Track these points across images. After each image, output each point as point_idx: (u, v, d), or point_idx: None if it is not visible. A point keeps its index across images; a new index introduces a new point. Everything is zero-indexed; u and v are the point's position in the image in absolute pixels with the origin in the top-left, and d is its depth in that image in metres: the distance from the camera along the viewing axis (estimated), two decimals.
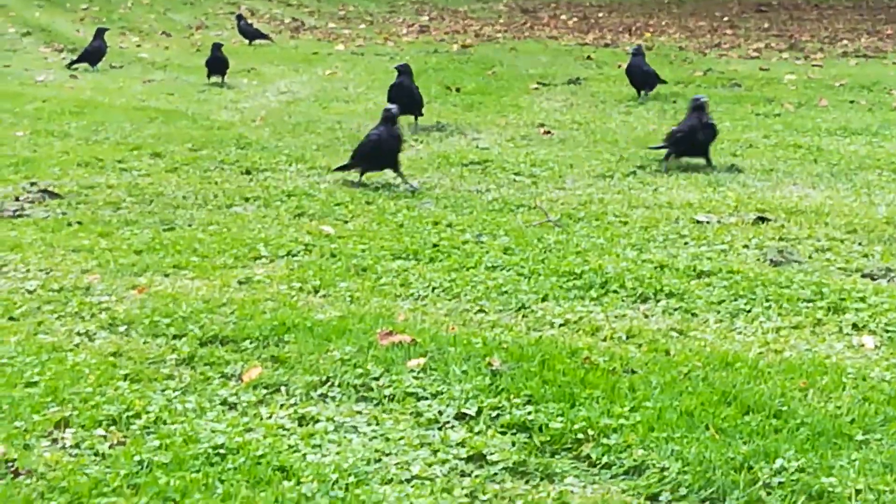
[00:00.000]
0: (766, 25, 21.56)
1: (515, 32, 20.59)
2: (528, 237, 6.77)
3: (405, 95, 10.42)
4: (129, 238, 6.75)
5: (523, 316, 5.51)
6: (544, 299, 5.71)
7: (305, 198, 7.83)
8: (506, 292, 5.78)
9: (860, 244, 6.75)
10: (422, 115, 10.74)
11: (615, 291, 5.80)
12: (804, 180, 8.59)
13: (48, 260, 6.30)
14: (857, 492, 3.76)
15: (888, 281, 6.05)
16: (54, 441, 4.09)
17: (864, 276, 6.14)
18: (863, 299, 5.67)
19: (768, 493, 3.75)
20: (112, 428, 4.17)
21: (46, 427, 4.17)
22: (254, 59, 16.21)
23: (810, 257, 6.48)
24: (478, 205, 7.67)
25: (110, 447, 4.02)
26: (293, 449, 4.05)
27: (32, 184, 8.13)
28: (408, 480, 3.86)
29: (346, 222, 7.22)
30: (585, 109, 12.11)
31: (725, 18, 22.93)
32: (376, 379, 4.63)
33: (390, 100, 10.49)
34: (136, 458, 3.90)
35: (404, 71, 10.65)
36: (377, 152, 8.26)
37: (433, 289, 5.86)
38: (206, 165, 8.92)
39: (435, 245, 6.59)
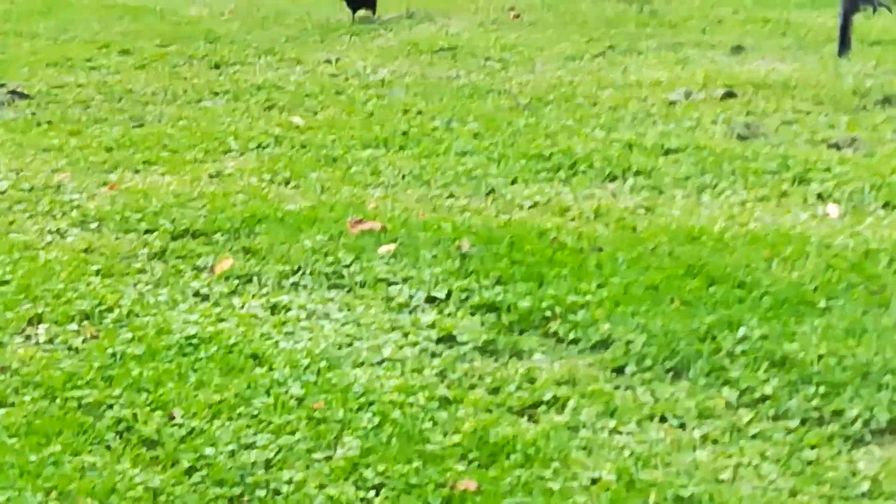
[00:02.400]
0: None
1: None
2: (498, 122, 6.77)
3: None
4: (99, 136, 6.73)
5: (493, 200, 5.53)
6: (513, 182, 5.74)
7: (275, 90, 7.80)
8: (475, 177, 5.81)
9: (826, 115, 6.77)
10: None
11: (584, 172, 5.83)
12: (772, 54, 8.59)
13: (19, 160, 6.29)
14: (820, 357, 3.81)
15: (853, 150, 6.10)
16: (28, 338, 4.12)
17: (829, 146, 6.17)
18: (828, 169, 5.71)
19: (731, 361, 3.82)
20: (85, 323, 4.21)
21: (19, 324, 4.20)
22: None
23: (777, 130, 6.51)
24: (447, 91, 7.66)
25: (83, 341, 4.06)
26: (265, 337, 4.09)
27: (1, 85, 8.07)
28: (379, 363, 3.91)
29: (315, 113, 7.20)
30: None
31: None
32: (347, 266, 4.66)
33: None
34: (109, 350, 3.93)
35: None
36: None
37: (403, 176, 5.88)
38: (174, 61, 8.86)
39: (405, 133, 6.59)
